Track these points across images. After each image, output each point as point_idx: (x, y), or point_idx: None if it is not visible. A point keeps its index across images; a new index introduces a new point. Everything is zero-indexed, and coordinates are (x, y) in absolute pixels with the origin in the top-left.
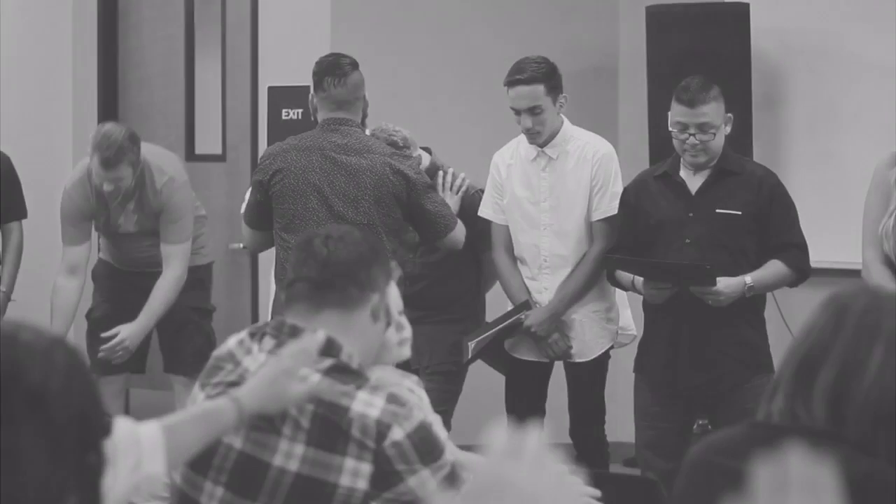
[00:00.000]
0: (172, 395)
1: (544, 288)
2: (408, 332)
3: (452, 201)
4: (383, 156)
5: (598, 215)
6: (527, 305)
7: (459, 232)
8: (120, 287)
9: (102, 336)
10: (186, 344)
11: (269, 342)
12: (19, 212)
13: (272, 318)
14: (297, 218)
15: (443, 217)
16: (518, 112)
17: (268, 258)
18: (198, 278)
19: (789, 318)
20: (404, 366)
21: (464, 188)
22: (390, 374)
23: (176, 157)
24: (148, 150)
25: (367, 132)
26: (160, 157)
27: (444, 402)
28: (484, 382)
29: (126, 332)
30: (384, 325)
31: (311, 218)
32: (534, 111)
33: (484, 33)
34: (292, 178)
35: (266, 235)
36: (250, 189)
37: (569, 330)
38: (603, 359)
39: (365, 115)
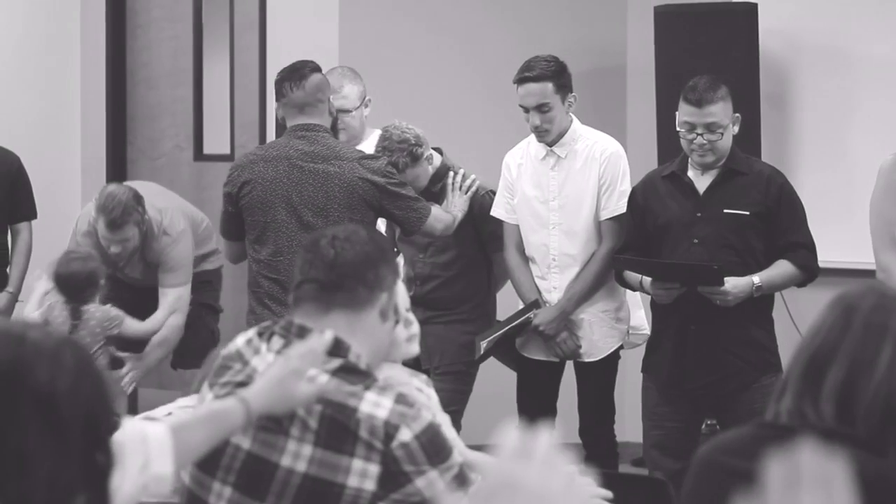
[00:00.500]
0: (180, 394)
1: (553, 287)
2: (416, 328)
3: (461, 201)
4: (351, 161)
5: (606, 214)
6: (537, 304)
7: (434, 220)
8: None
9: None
10: (193, 338)
11: (277, 342)
12: (29, 212)
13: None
14: (268, 229)
15: (414, 211)
16: (527, 109)
17: None
18: (206, 280)
19: (797, 318)
20: (415, 365)
21: (473, 189)
22: (399, 373)
23: (172, 196)
24: (148, 202)
25: (376, 132)
26: (160, 212)
27: (455, 402)
28: (495, 382)
29: (131, 369)
30: (393, 325)
31: (280, 229)
32: (542, 109)
33: (493, 33)
34: (260, 190)
35: (242, 246)
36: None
37: (577, 329)
38: (612, 359)
39: (335, 120)
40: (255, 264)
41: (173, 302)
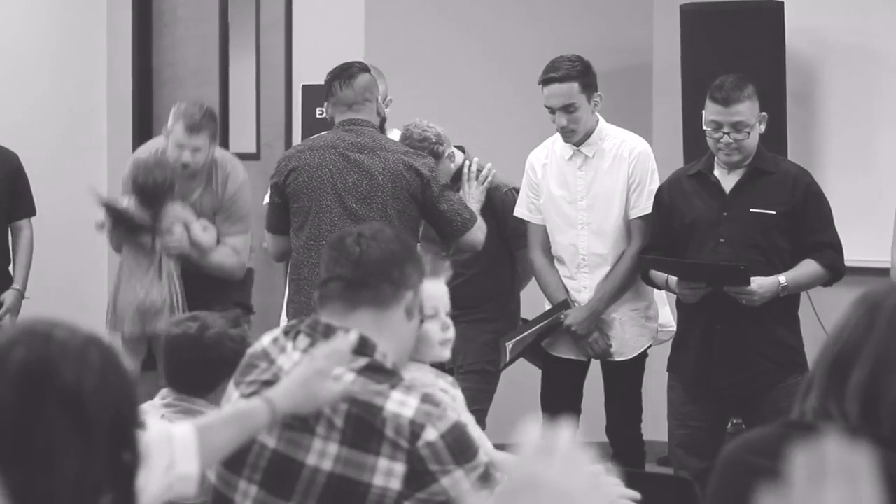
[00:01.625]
0: None
1: (583, 287)
2: (451, 333)
3: (478, 192)
4: (397, 153)
5: (635, 213)
6: (565, 305)
7: (478, 231)
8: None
9: None
10: None
11: (303, 340)
12: (29, 209)
13: (287, 320)
14: (312, 215)
15: (459, 216)
16: (552, 110)
17: None
18: (238, 280)
19: (824, 317)
20: (438, 365)
21: (489, 178)
22: (424, 374)
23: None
24: (219, 152)
25: (396, 131)
26: (230, 160)
27: (479, 401)
28: (520, 381)
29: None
30: (418, 323)
31: (324, 214)
32: (568, 109)
33: (518, 33)
34: (306, 176)
35: (287, 241)
36: (268, 193)
37: (608, 329)
38: (641, 357)
39: (383, 119)
40: (296, 252)
41: (236, 243)
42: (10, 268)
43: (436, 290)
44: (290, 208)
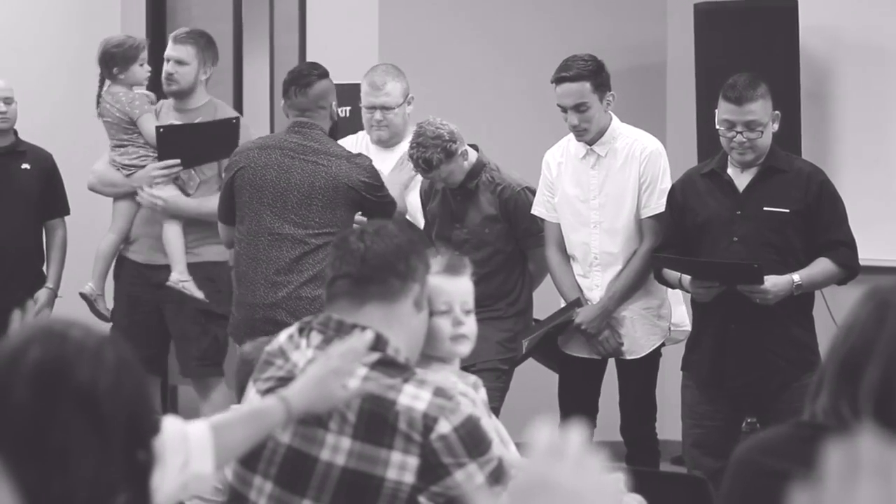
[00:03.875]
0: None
1: (595, 285)
2: (465, 329)
3: (406, 177)
4: (340, 158)
5: (647, 212)
6: (578, 303)
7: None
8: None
9: None
10: (191, 347)
11: (315, 337)
12: (63, 209)
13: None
14: (252, 210)
15: (388, 208)
16: (564, 109)
17: None
18: (208, 277)
19: (838, 316)
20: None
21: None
22: (447, 376)
23: None
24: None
25: (413, 128)
26: (232, 112)
27: (493, 399)
28: (535, 379)
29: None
30: (427, 315)
31: (265, 211)
32: (579, 108)
33: (532, 32)
34: (251, 173)
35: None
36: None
37: (619, 327)
38: (654, 356)
39: (334, 123)
40: (237, 244)
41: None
42: (44, 267)
43: (449, 286)
44: (236, 203)
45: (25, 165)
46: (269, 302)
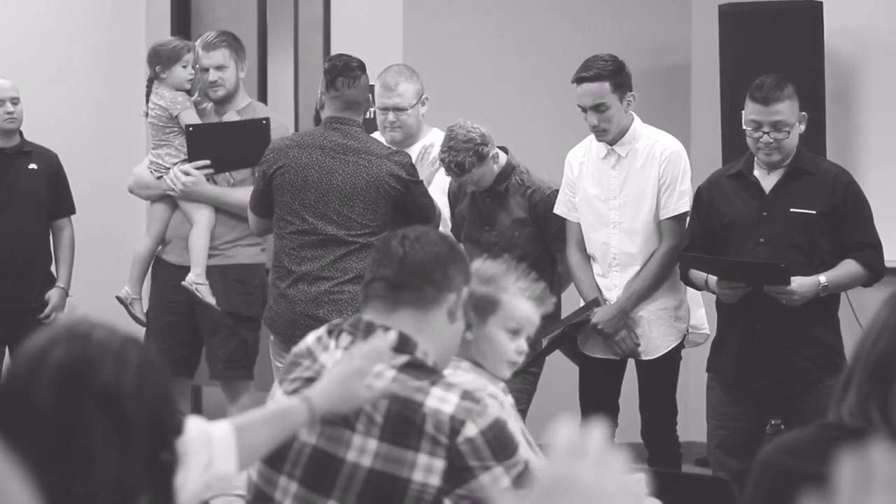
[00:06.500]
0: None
1: (613, 285)
2: (521, 360)
3: (427, 172)
4: (380, 157)
5: (666, 213)
6: (596, 303)
7: (438, 219)
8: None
9: None
10: (218, 349)
11: (345, 338)
12: (70, 208)
13: (270, 303)
14: (295, 211)
15: (428, 207)
16: (584, 109)
17: None
18: (238, 279)
19: (863, 317)
20: None
21: (435, 161)
22: (477, 378)
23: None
24: (263, 107)
25: (437, 130)
26: (269, 112)
27: (520, 401)
28: (557, 381)
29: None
30: (462, 326)
31: (307, 212)
32: (599, 108)
33: (556, 33)
34: (292, 174)
35: (269, 222)
36: (256, 177)
37: (636, 327)
38: (673, 357)
39: (366, 120)
40: (278, 241)
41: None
42: (53, 267)
43: (532, 313)
44: (275, 201)
45: (33, 165)
46: (311, 297)
